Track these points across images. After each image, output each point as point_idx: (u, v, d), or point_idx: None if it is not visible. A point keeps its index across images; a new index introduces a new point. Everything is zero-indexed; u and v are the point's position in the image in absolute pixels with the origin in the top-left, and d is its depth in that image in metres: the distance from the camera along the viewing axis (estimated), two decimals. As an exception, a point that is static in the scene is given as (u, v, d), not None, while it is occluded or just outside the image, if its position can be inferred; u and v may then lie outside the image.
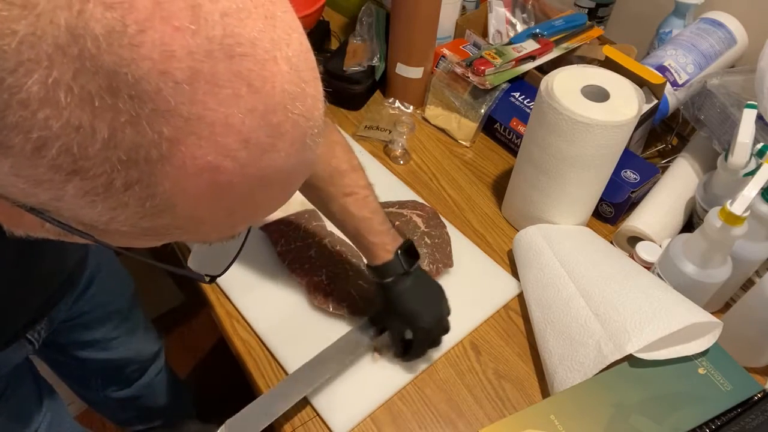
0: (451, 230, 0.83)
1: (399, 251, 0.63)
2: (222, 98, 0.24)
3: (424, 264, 0.76)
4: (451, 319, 0.73)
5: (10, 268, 0.47)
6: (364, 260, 0.66)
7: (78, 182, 0.24)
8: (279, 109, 0.26)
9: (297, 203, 0.85)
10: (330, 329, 0.71)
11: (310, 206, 0.84)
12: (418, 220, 0.81)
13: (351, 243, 0.66)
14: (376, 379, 0.67)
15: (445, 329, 0.68)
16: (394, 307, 0.65)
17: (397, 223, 0.80)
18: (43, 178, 0.24)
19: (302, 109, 0.27)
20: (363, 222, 0.63)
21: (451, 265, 0.78)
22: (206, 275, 0.37)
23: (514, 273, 0.79)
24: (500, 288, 0.77)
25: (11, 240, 0.42)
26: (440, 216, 0.84)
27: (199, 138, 0.24)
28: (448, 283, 0.76)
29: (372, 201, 0.65)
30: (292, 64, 0.26)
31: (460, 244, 0.82)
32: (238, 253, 0.38)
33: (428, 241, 0.78)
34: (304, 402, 0.66)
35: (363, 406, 0.65)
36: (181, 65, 0.23)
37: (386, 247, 0.63)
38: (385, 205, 0.83)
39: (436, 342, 0.69)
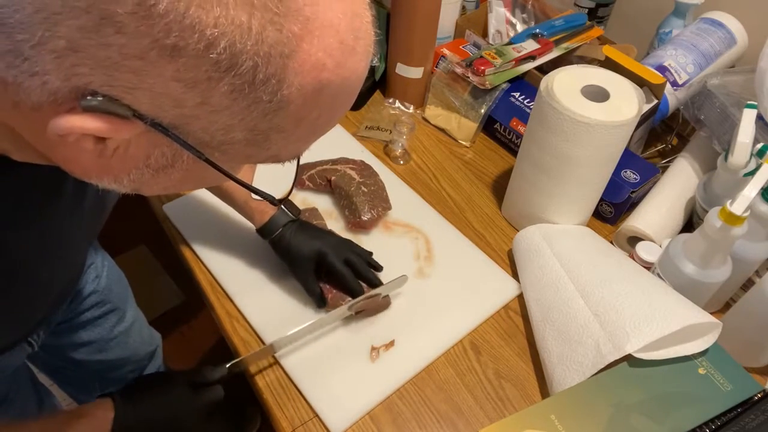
0: (452, 230, 0.84)
1: (281, 205, 0.70)
2: (329, 1, 0.29)
3: (365, 210, 0.81)
4: (452, 318, 0.73)
5: (43, 273, 0.48)
6: (254, 227, 0.74)
7: (230, 79, 0.28)
8: (359, 14, 0.31)
9: (297, 202, 0.85)
10: (328, 328, 0.71)
11: (309, 205, 0.84)
12: (352, 173, 0.86)
13: (241, 214, 0.74)
14: (375, 378, 0.67)
15: (354, 251, 0.73)
16: (293, 254, 0.71)
17: (333, 177, 0.85)
18: (203, 77, 0.27)
19: (370, 19, 0.33)
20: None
21: (389, 208, 0.84)
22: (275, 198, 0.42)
23: (514, 273, 0.79)
24: (500, 288, 0.77)
25: (40, 242, 0.42)
26: (371, 166, 0.88)
27: (313, 37, 0.29)
28: (448, 283, 0.77)
29: (252, 167, 0.73)
30: None
31: (460, 244, 0.82)
32: (295, 180, 0.45)
33: (365, 190, 0.84)
34: (304, 402, 0.66)
35: (362, 405, 0.65)
36: None
37: (270, 205, 0.71)
38: (319, 163, 0.89)
39: (352, 261, 0.72)
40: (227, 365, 0.64)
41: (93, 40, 0.26)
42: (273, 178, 0.56)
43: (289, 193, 0.45)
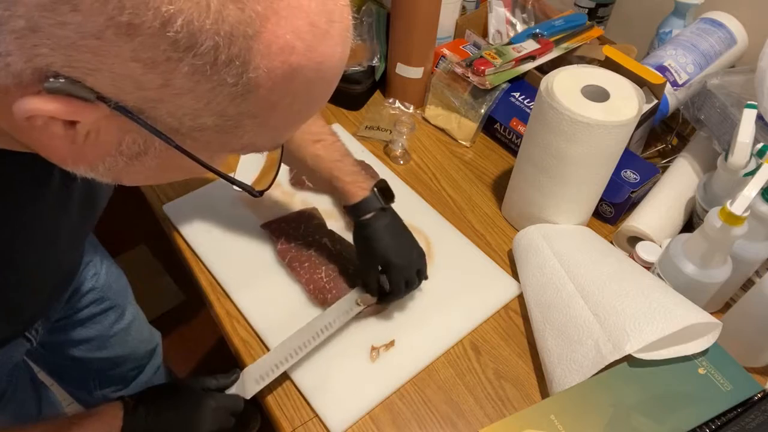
0: (452, 230, 0.84)
1: (375, 188, 0.67)
2: None
3: None
4: (452, 318, 0.73)
5: (32, 266, 0.48)
6: (342, 203, 0.70)
7: (190, 59, 0.27)
8: None
9: (297, 202, 0.85)
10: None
11: (310, 205, 0.84)
12: None
13: (325, 191, 0.71)
14: (375, 378, 0.67)
15: (420, 271, 0.70)
16: (370, 245, 0.67)
17: None
18: (161, 58, 0.27)
19: (346, 2, 0.32)
20: (335, 164, 0.67)
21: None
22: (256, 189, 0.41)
23: (514, 273, 0.79)
24: (500, 288, 0.77)
25: (30, 232, 0.42)
26: (371, 166, 0.88)
27: (280, 17, 0.28)
28: (448, 283, 0.77)
29: (340, 145, 0.69)
30: None
31: (460, 244, 0.82)
32: (277, 170, 0.44)
33: None
34: (304, 402, 0.66)
35: (362, 405, 0.65)
36: None
37: (361, 185, 0.68)
38: None
39: (411, 282, 0.69)
40: (241, 370, 0.64)
41: (50, 18, 0.25)
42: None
43: (270, 184, 0.44)
